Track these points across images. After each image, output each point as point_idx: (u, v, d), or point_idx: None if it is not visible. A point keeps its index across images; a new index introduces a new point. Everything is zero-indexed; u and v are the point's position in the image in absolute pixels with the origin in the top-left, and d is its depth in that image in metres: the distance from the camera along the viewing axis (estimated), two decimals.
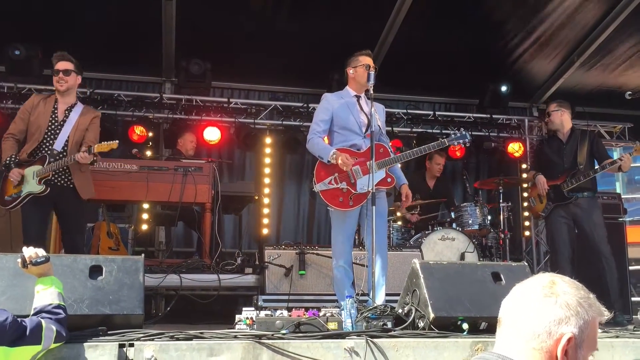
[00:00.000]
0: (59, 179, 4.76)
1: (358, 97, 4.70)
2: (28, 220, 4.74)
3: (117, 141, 4.81)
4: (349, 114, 4.60)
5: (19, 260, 2.81)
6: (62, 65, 4.88)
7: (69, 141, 4.83)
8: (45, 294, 2.78)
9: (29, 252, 2.80)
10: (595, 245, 5.61)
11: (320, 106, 4.71)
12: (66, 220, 4.91)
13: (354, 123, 4.59)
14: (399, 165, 4.79)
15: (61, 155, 4.77)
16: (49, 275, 2.84)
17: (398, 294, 3.85)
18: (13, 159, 4.74)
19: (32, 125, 4.85)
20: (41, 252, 2.82)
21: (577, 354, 1.40)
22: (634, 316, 5.76)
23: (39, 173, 4.67)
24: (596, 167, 5.75)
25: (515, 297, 1.49)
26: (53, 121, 4.86)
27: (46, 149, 4.78)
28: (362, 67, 4.62)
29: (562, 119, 5.95)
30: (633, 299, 6.96)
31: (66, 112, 4.91)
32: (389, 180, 4.58)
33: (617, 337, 3.53)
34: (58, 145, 4.80)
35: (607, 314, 1.47)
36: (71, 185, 4.80)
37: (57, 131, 4.83)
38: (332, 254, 4.69)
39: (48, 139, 4.81)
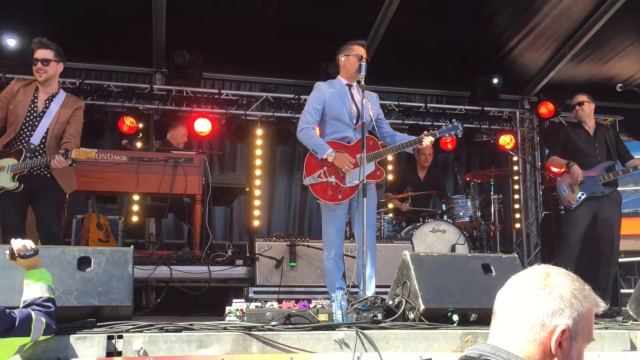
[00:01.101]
0: (36, 169, 4.56)
1: (350, 86, 4.67)
2: (5, 214, 4.57)
3: (96, 150, 4.57)
4: (341, 104, 4.57)
5: (7, 252, 2.77)
6: (41, 53, 4.59)
7: (47, 134, 4.62)
8: (35, 287, 2.74)
9: (18, 244, 2.75)
10: (612, 239, 5.64)
11: (313, 95, 4.66)
12: (42, 210, 4.66)
13: (345, 114, 4.56)
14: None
15: (38, 149, 4.57)
16: (37, 268, 2.80)
17: (388, 286, 3.85)
18: None
19: (11, 114, 4.61)
20: (30, 244, 2.77)
21: (571, 346, 1.40)
22: (622, 308, 5.79)
23: (14, 168, 4.46)
24: (626, 166, 5.79)
25: (510, 289, 1.49)
26: (32, 111, 4.62)
27: (23, 141, 4.57)
28: (354, 57, 4.57)
29: (591, 112, 5.96)
30: (622, 290, 7.01)
31: (46, 102, 4.67)
32: (378, 173, 4.56)
33: (606, 328, 3.55)
34: (36, 138, 4.57)
35: (602, 305, 1.47)
36: (49, 175, 4.60)
37: (36, 123, 4.60)
38: (322, 246, 4.68)
39: (26, 130, 4.59)
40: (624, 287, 7.54)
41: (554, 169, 6.18)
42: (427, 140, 4.51)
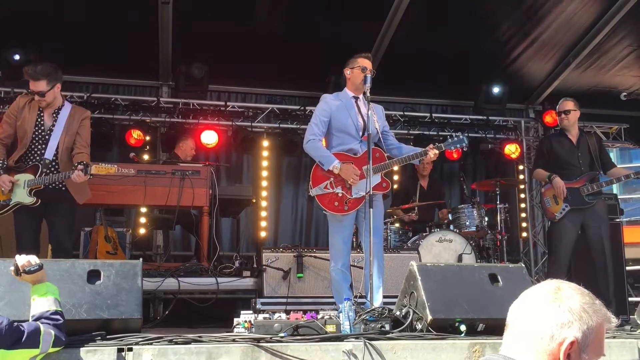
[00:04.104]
0: (51, 182, 4.62)
1: (356, 98, 4.70)
2: (21, 227, 4.62)
3: (116, 165, 4.60)
4: (347, 116, 4.60)
5: (12, 268, 2.80)
6: (34, 86, 4.59)
7: (59, 148, 4.67)
8: (42, 301, 2.77)
9: (22, 260, 2.78)
10: (602, 247, 5.59)
11: (319, 107, 4.70)
12: (54, 223, 4.71)
13: (351, 126, 4.59)
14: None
15: (54, 164, 4.64)
16: (43, 282, 2.83)
17: (396, 296, 3.86)
18: (1, 165, 4.59)
19: (19, 130, 4.68)
20: (34, 259, 2.80)
21: (580, 358, 1.44)
22: (630, 316, 5.77)
23: (31, 184, 4.52)
24: (608, 175, 5.77)
25: (523, 302, 1.54)
26: (40, 125, 4.68)
27: (37, 156, 4.64)
28: (358, 69, 4.61)
29: (576, 120, 5.88)
30: (630, 299, 6.97)
31: (54, 115, 4.73)
32: (384, 185, 4.57)
33: (614, 337, 3.54)
34: (49, 153, 4.63)
35: (614, 321, 1.51)
36: (63, 188, 4.67)
37: (47, 137, 4.66)
38: (329, 256, 4.69)
39: (37, 144, 4.66)
40: (633, 295, 7.50)
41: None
42: (433, 152, 4.54)
